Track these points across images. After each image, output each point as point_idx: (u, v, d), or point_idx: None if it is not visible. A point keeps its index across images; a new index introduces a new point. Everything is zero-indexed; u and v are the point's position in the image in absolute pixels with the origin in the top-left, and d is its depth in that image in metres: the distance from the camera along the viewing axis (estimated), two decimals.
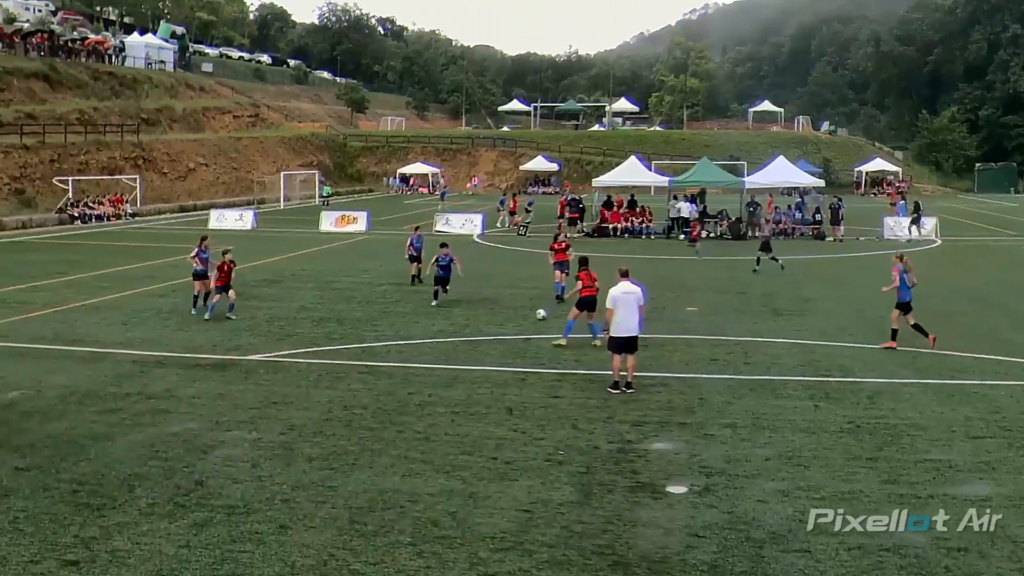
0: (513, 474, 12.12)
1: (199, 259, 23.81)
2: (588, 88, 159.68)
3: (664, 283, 29.33)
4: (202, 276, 23.83)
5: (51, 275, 31.02)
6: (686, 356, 19.27)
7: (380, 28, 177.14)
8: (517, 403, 15.51)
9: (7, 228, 48.20)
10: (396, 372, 17.68)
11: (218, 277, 23.33)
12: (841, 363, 18.55)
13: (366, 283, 29.82)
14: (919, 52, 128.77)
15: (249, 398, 15.71)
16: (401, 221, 51.97)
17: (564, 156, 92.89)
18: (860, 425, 14.27)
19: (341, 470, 12.20)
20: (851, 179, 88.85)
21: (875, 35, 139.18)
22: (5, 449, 12.96)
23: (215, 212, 53.54)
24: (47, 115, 63.37)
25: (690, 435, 13.84)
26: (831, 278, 31.87)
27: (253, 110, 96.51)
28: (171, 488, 11.48)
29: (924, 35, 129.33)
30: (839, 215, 45.06)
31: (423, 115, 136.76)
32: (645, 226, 47.22)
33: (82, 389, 16.23)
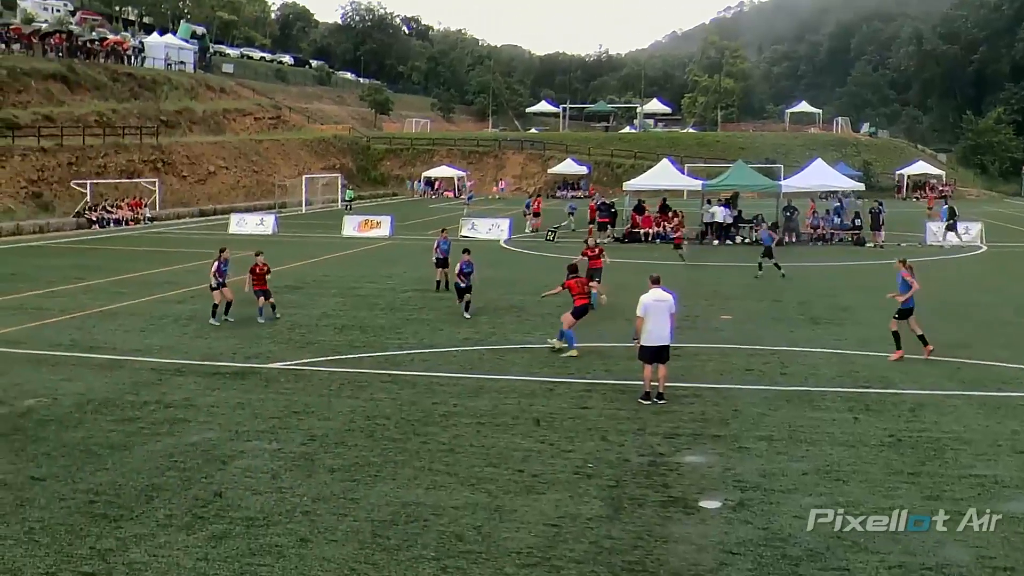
0: (540, 487, 12.09)
1: (219, 272, 23.79)
2: (619, 89, 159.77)
3: (697, 290, 29.23)
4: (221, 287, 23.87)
5: (68, 280, 31.31)
6: (720, 366, 19.18)
7: (405, 27, 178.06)
8: (545, 414, 15.49)
9: (24, 232, 48.76)
10: (420, 381, 17.70)
11: (253, 281, 24.15)
12: (882, 374, 18.40)
13: (389, 289, 29.89)
14: (963, 50, 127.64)
15: (269, 407, 15.77)
16: (426, 226, 52.11)
17: (594, 159, 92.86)
18: (901, 438, 14.15)
19: (363, 482, 12.21)
20: (892, 183, 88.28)
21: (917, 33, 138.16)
22: (21, 458, 13.07)
23: (235, 216, 53.91)
24: (65, 117, 64.12)
25: (724, 448, 13.76)
26: (871, 286, 31.55)
27: (274, 112, 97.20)
28: (189, 499, 11.54)
29: (968, 33, 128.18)
30: (879, 220, 44.74)
31: (449, 117, 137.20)
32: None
33: (99, 397, 16.35)
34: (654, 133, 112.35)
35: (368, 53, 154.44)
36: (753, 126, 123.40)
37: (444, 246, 29.31)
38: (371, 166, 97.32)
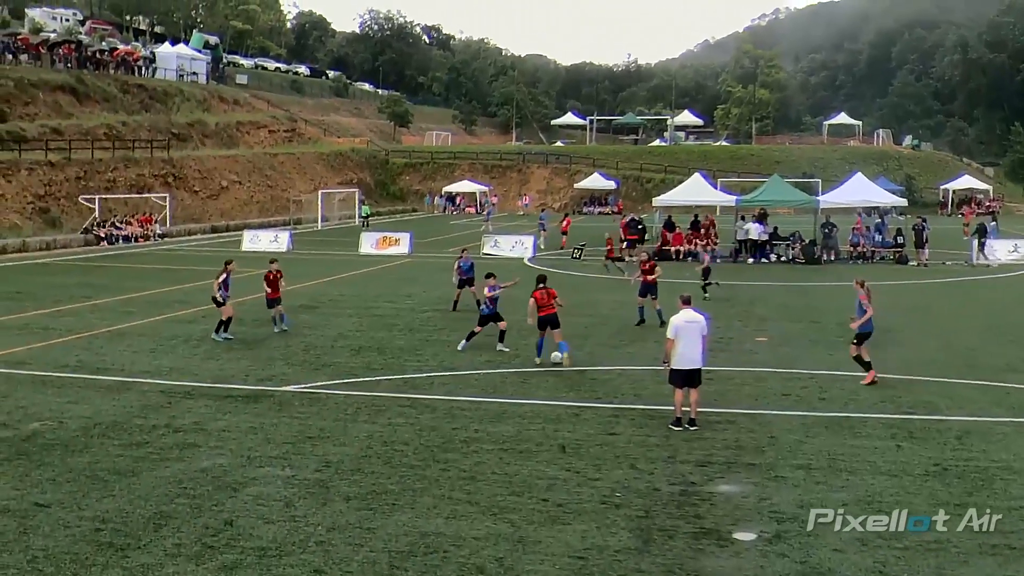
0: (566, 517, 12.04)
1: (225, 285, 24.44)
2: (648, 100, 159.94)
3: (731, 310, 29.13)
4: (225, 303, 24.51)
5: (75, 299, 31.55)
6: (755, 390, 19.09)
7: (425, 37, 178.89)
8: (571, 440, 15.45)
9: (30, 249, 49.20)
10: (440, 405, 17.70)
11: (269, 290, 25.39)
12: (926, 399, 18.26)
13: (408, 309, 29.95)
14: (1011, 59, 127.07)
15: (283, 432, 15.81)
16: (446, 243, 52.24)
17: (622, 173, 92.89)
18: (947, 468, 14.02)
19: (380, 511, 12.21)
20: (936, 198, 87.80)
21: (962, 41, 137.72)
22: (25, 483, 13.15)
23: (248, 233, 54.21)
24: (73, 130, 64.80)
25: (759, 477, 13.68)
26: (915, 306, 31.41)
27: (290, 124, 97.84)
28: (199, 528, 11.56)
29: (1017, 40, 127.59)
30: (923, 237, 44.44)
31: (470, 129, 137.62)
32: (710, 249, 46.95)
33: (106, 421, 16.44)
34: (685, 146, 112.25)
35: (387, 63, 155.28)
36: (789, 139, 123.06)
37: (466, 267, 29.24)
38: (390, 181, 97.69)
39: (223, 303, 24.35)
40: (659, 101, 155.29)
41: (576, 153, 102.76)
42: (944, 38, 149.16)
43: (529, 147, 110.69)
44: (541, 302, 21.12)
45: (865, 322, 19.86)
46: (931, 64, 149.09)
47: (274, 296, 25.45)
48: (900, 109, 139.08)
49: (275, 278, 25.42)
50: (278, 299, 25.52)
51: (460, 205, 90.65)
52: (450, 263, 30.79)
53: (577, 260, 45.38)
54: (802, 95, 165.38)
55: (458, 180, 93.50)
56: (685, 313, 16.29)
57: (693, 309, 16.47)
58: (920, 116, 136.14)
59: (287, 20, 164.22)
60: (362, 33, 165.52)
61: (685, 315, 16.23)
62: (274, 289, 25.43)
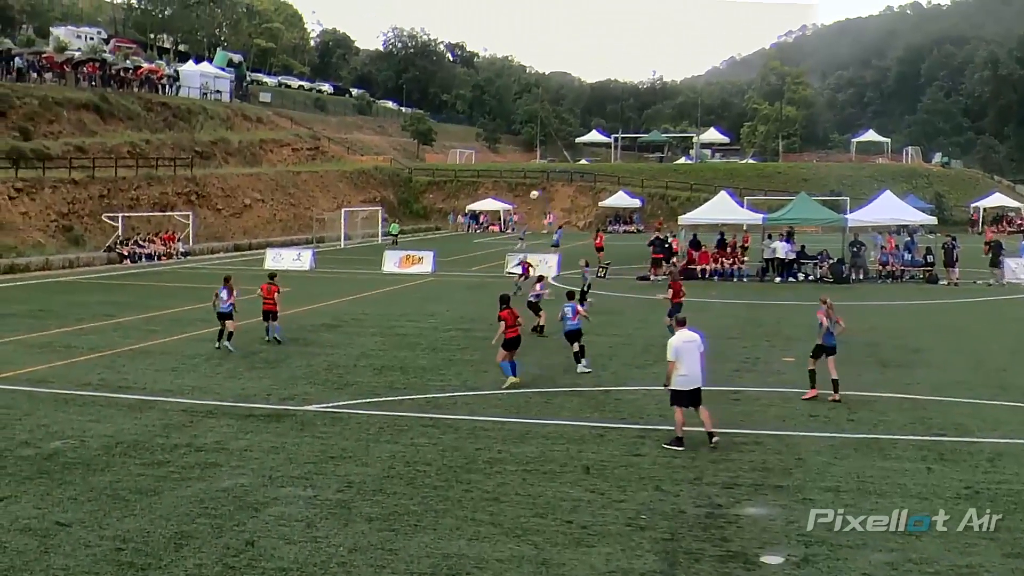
0: (590, 540, 12.00)
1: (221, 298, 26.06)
2: (673, 118, 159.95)
3: (757, 330, 29.04)
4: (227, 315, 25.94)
5: (98, 317, 31.77)
6: (782, 411, 18.99)
7: (449, 54, 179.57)
8: (595, 461, 15.40)
9: (53, 267, 49.58)
10: (463, 426, 17.70)
11: (265, 302, 26.82)
12: (957, 421, 18.12)
13: (431, 329, 29.97)
14: None
15: (305, 452, 15.83)
16: (470, 262, 52.28)
17: (647, 191, 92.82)
18: (979, 491, 13.89)
19: (402, 532, 12.20)
20: (967, 216, 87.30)
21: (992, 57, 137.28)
22: (46, 502, 13.22)
23: (271, 251, 54.47)
24: (97, 148, 65.39)
25: (787, 499, 13.59)
26: (945, 326, 31.21)
27: (313, 142, 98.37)
28: (220, 548, 11.59)
29: None
30: (953, 256, 44.17)
31: (494, 147, 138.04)
32: (736, 268, 46.83)
33: (128, 439, 16.52)
34: (711, 164, 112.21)
35: (410, 81, 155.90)
36: (817, 156, 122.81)
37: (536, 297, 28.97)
38: (413, 199, 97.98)
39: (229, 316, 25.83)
40: (684, 119, 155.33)
41: (601, 171, 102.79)
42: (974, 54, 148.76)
43: (553, 165, 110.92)
44: (510, 322, 20.96)
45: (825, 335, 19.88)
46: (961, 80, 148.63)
47: (269, 309, 26.83)
48: (929, 126, 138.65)
49: (271, 293, 26.84)
50: (274, 312, 26.84)
51: (483, 223, 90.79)
52: (473, 282, 30.77)
53: (602, 279, 45.31)
54: (829, 112, 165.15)
55: (482, 198, 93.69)
56: (683, 334, 16.58)
57: (689, 329, 16.72)
58: (950, 133, 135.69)
59: (311, 38, 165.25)
60: (386, 51, 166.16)
61: (683, 335, 16.53)
62: (271, 303, 26.78)
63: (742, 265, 46.93)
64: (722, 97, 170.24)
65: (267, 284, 27.16)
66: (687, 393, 16.21)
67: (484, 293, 39.78)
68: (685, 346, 16.32)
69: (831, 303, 20.37)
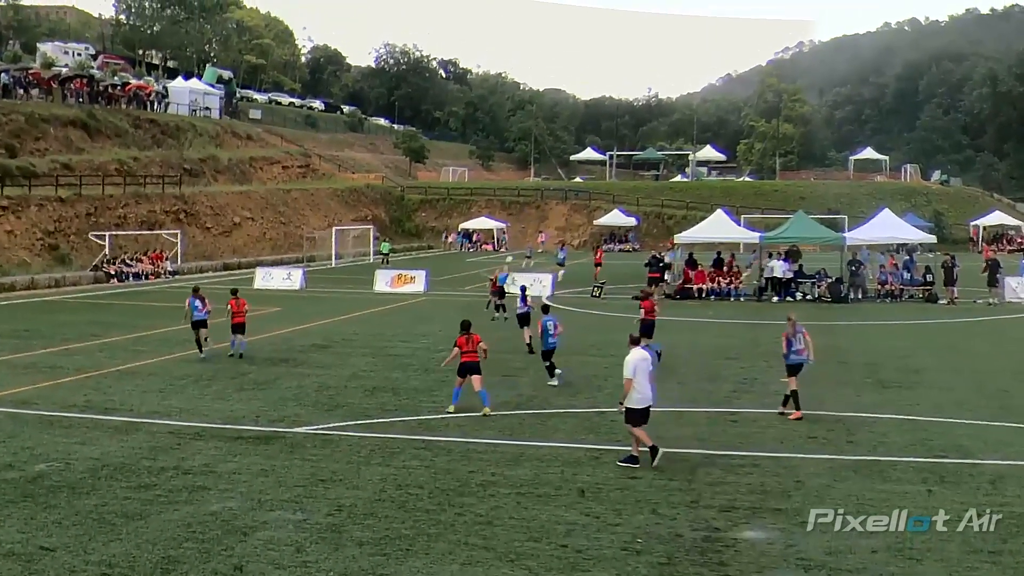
0: (585, 564, 11.96)
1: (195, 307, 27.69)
2: (669, 135, 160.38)
3: (755, 350, 29.03)
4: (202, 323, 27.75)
5: (84, 337, 31.70)
6: (780, 433, 18.98)
7: (442, 71, 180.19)
8: (590, 484, 15.37)
9: (39, 287, 49.52)
10: (456, 448, 17.66)
11: (235, 315, 27.87)
12: (958, 442, 18.11)
13: (424, 349, 29.94)
14: None
15: (294, 475, 15.78)
16: (462, 281, 52.28)
17: (643, 210, 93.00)
18: (981, 513, 13.87)
19: (394, 556, 12.15)
20: (966, 234, 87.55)
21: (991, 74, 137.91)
22: (31, 526, 13.15)
23: (261, 270, 54.42)
24: (84, 165, 65.39)
25: (786, 522, 13.56)
26: (945, 346, 31.25)
27: (304, 160, 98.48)
28: (208, 573, 11.53)
29: None
30: (953, 275, 44.29)
31: (488, 165, 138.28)
32: (734, 287, 46.89)
33: (114, 462, 16.45)
34: (708, 182, 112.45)
35: (403, 98, 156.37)
36: (814, 174, 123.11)
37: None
38: (405, 217, 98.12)
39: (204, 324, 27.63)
40: (680, 136, 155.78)
41: (596, 189, 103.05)
42: (973, 71, 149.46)
43: (548, 183, 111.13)
44: (465, 348, 20.97)
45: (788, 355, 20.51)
46: (960, 98, 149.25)
47: (239, 322, 27.95)
48: (928, 144, 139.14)
49: (241, 308, 28.15)
50: (241, 326, 27.96)
51: (477, 242, 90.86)
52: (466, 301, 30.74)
53: (597, 299, 45.34)
54: (827, 129, 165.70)
55: (475, 217, 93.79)
56: (637, 351, 16.89)
57: (641, 347, 17.18)
58: (949, 151, 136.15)
59: (302, 54, 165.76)
60: (378, 67, 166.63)
61: (638, 354, 16.83)
62: (241, 316, 28.01)
63: (740, 284, 47.00)
64: (718, 114, 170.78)
65: (234, 299, 28.18)
66: (643, 411, 16.55)
67: (478, 313, 39.79)
68: (642, 364, 16.59)
69: (795, 320, 20.80)
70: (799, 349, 20.44)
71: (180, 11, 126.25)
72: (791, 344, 20.47)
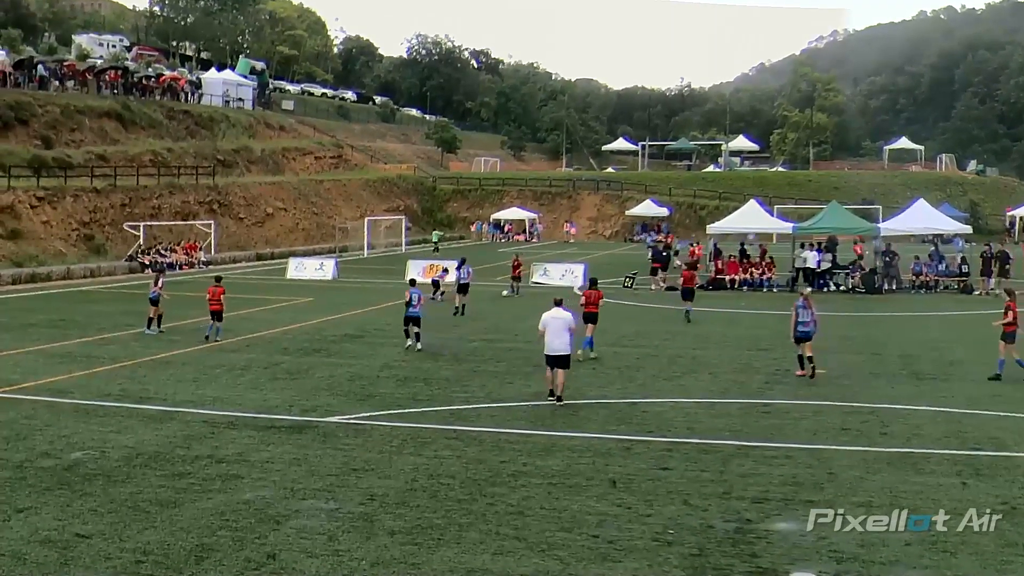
0: (616, 555, 11.95)
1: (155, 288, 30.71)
2: (702, 125, 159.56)
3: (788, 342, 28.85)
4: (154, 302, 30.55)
5: (119, 327, 31.95)
6: (814, 424, 18.87)
7: (473, 61, 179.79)
8: (622, 475, 15.34)
9: (75, 276, 49.91)
10: (487, 438, 17.67)
11: (211, 303, 29.02)
12: (993, 435, 17.95)
13: (455, 339, 29.98)
14: None
15: (327, 464, 15.85)
16: (495, 272, 52.26)
17: (675, 200, 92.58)
18: (1016, 507, 13.73)
19: (425, 545, 12.18)
20: (1002, 224, 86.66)
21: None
22: (66, 513, 13.27)
23: (294, 260, 54.62)
24: (119, 156, 65.85)
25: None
26: (981, 338, 30.89)
27: (336, 151, 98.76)
28: (241, 561, 11.60)
29: None
30: (991, 266, 43.79)
31: (519, 155, 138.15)
32: (766, 278, 46.64)
33: (149, 451, 16.58)
34: (740, 172, 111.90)
35: (434, 88, 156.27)
36: (848, 164, 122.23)
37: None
38: (437, 208, 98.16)
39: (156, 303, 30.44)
40: (713, 126, 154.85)
41: (628, 179, 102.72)
42: (1009, 59, 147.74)
43: (579, 173, 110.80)
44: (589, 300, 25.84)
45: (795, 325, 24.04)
46: (996, 86, 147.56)
47: (216, 309, 28.99)
48: (964, 133, 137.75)
49: (218, 295, 29.07)
50: (219, 313, 29.00)
51: (508, 233, 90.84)
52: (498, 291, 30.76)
53: (629, 289, 45.22)
54: (861, 119, 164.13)
55: (506, 207, 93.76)
56: (554, 311, 20.75)
57: (563, 308, 20.89)
58: (985, 140, 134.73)
59: (334, 45, 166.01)
60: (410, 58, 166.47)
61: (553, 312, 20.73)
62: (217, 304, 28.98)
63: (772, 274, 46.74)
64: (751, 104, 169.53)
65: (213, 287, 29.41)
66: (550, 358, 20.35)
67: (509, 303, 39.81)
68: (552, 320, 20.48)
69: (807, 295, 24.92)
70: (806, 321, 23.61)
71: (213, 2, 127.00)
72: (799, 316, 23.63)
